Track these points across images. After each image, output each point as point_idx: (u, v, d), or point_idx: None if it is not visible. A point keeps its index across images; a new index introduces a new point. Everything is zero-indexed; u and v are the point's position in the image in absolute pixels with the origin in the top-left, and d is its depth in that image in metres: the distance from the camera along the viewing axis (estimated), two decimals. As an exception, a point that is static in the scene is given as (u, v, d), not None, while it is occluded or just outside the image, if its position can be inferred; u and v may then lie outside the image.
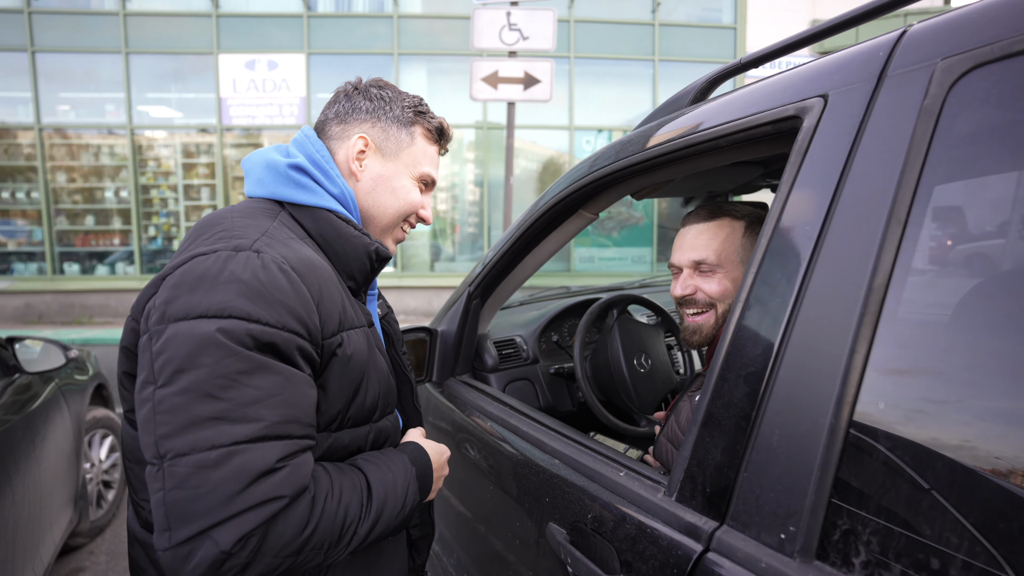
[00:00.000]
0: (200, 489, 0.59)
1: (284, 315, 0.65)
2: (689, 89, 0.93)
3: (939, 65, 0.52)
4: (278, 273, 0.66)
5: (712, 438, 0.65)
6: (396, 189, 0.87)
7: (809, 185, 0.61)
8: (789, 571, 0.53)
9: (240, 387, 0.62)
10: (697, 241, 1.05)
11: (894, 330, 0.51)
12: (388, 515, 0.74)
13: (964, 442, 0.47)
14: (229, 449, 0.60)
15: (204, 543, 0.59)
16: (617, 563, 0.71)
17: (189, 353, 0.61)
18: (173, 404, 0.61)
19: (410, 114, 0.87)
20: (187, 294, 0.63)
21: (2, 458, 1.70)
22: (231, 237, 0.69)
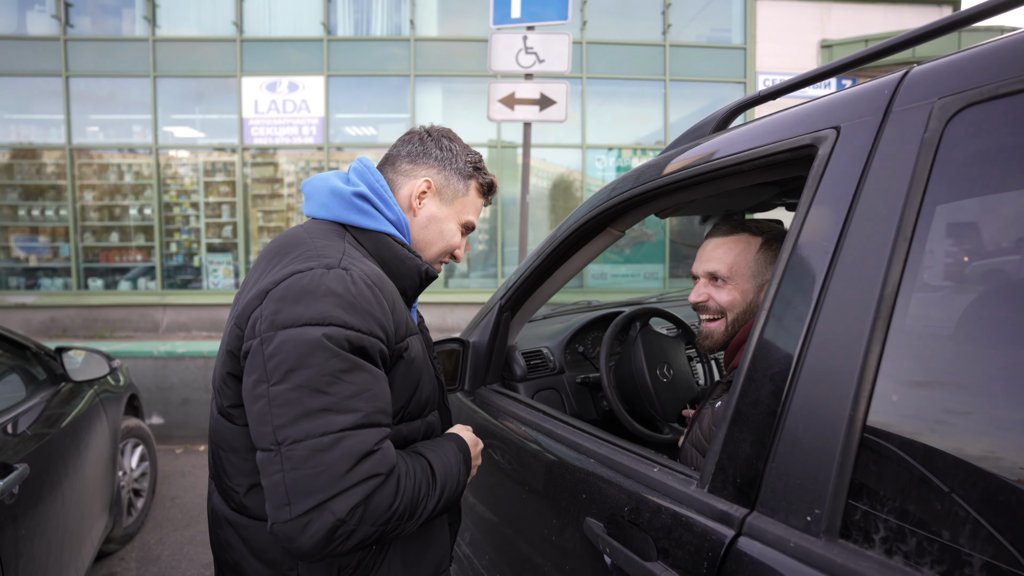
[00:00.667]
0: (317, 468, 0.70)
1: (371, 323, 0.77)
2: (711, 118, 1.02)
3: (937, 103, 0.60)
4: (364, 287, 0.78)
5: (741, 433, 0.72)
6: (444, 231, 0.99)
7: (825, 205, 0.69)
8: (816, 549, 0.60)
9: (342, 383, 0.73)
10: (714, 254, 1.14)
11: (904, 333, 0.58)
12: (449, 491, 0.87)
13: (966, 430, 0.54)
14: (338, 435, 0.71)
15: (322, 514, 0.70)
16: (654, 551, 0.78)
17: (299, 355, 0.72)
18: (287, 399, 0.71)
19: (470, 169, 1.00)
20: (292, 305, 0.74)
21: (53, 462, 1.80)
22: (319, 256, 0.80)
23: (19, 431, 1.72)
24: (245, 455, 0.84)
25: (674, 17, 8.07)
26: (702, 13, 8.14)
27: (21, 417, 1.79)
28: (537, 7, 4.32)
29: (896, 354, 0.59)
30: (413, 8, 7.98)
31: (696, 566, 0.71)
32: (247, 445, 0.83)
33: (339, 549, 0.72)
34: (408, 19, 7.97)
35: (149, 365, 4.14)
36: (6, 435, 1.63)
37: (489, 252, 8.43)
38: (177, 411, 4.17)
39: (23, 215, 8.20)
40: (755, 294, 1.12)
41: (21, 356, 2.07)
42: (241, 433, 0.83)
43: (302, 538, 0.70)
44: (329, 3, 7.96)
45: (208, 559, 2.67)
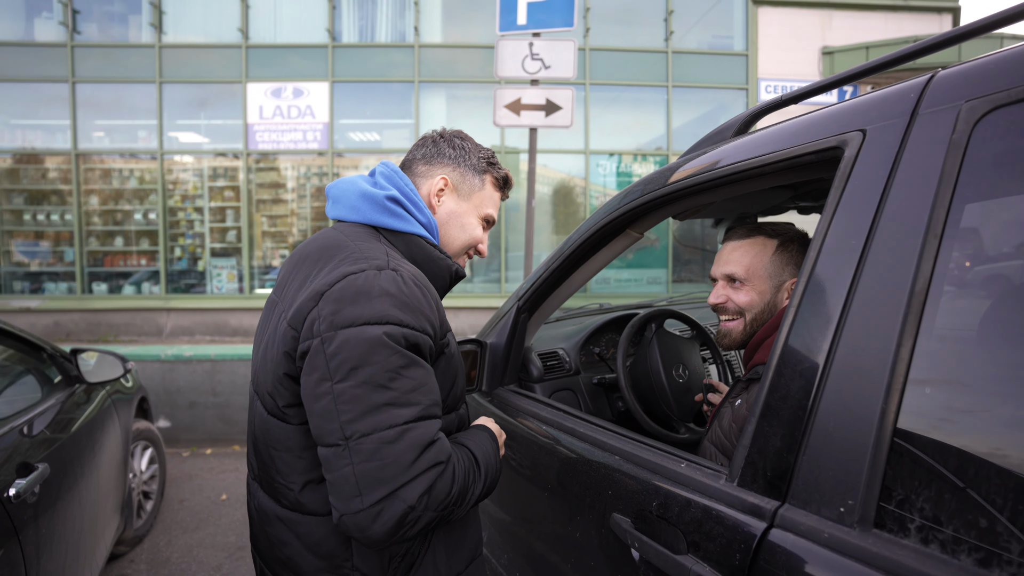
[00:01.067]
0: (385, 460, 0.74)
1: (422, 320, 0.81)
2: (732, 123, 1.04)
3: (964, 106, 0.62)
4: (414, 287, 0.82)
5: (771, 428, 0.73)
6: (464, 225, 1.03)
7: (853, 205, 0.71)
8: (851, 539, 0.61)
9: (402, 378, 0.77)
10: (731, 256, 1.19)
11: (936, 328, 0.60)
12: (491, 478, 0.91)
13: (998, 421, 0.56)
14: (403, 427, 0.76)
15: (393, 502, 0.74)
16: (684, 544, 0.79)
17: (362, 353, 0.75)
18: (353, 395, 0.75)
19: (484, 164, 1.03)
20: (350, 306, 0.77)
21: (70, 462, 1.81)
22: (367, 259, 0.83)
23: (38, 432, 1.73)
24: (300, 453, 0.85)
25: (677, 24, 8.14)
26: (704, 20, 8.20)
27: (39, 418, 1.80)
28: (543, 14, 4.37)
29: (928, 349, 0.60)
30: (417, 15, 8.04)
31: (728, 558, 0.73)
32: (302, 443, 0.85)
33: (407, 534, 0.76)
34: (412, 25, 8.04)
35: (156, 368, 4.15)
36: (24, 436, 1.65)
37: (492, 257, 8.45)
38: (184, 414, 4.18)
39: (28, 220, 8.24)
40: (772, 294, 1.15)
41: (37, 358, 2.08)
42: (296, 432, 0.85)
43: (374, 526, 0.74)
44: (334, 10, 8.03)
45: (217, 561, 2.67)
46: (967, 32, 0.71)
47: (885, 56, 0.80)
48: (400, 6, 8.14)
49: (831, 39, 8.23)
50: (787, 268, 1.15)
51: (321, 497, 0.85)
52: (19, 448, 1.57)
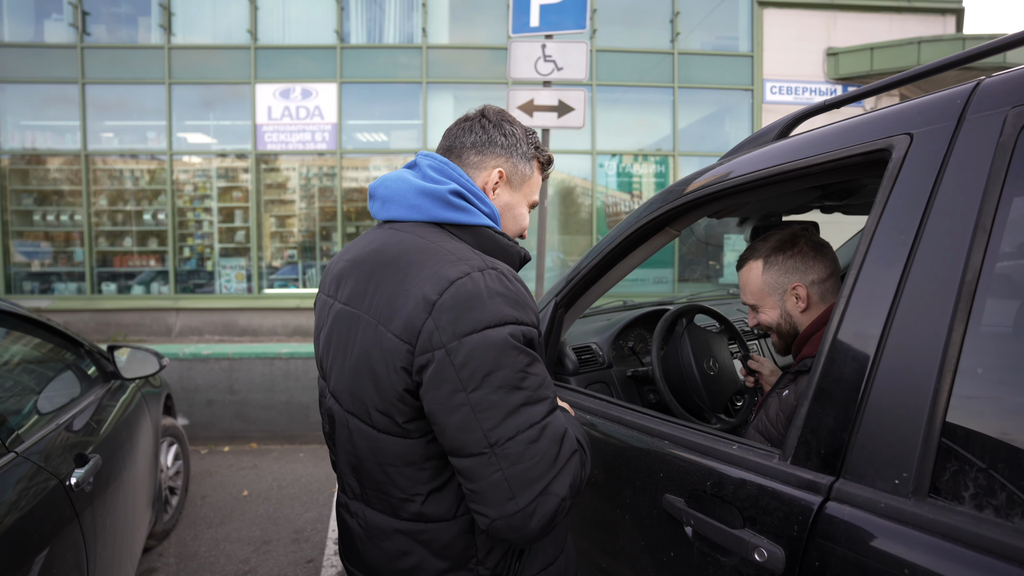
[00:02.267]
0: (533, 459, 0.76)
1: (532, 315, 0.82)
2: (773, 126, 1.10)
3: (1011, 112, 0.68)
4: (516, 283, 0.83)
5: (824, 409, 0.79)
6: (517, 216, 1.02)
7: (902, 203, 0.77)
8: (907, 507, 0.67)
9: (531, 376, 0.78)
10: (740, 285, 1.35)
11: (986, 313, 0.66)
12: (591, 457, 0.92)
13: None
14: (542, 424, 0.78)
15: (547, 498, 0.76)
16: (740, 519, 0.85)
17: (492, 358, 0.75)
18: (491, 402, 0.75)
19: (532, 150, 1.01)
20: (466, 312, 0.76)
21: (114, 455, 1.87)
22: (462, 260, 0.81)
23: (84, 425, 1.79)
24: (423, 465, 0.85)
25: (682, 25, 8.20)
26: (710, 22, 8.26)
27: (84, 412, 1.86)
28: (555, 16, 4.43)
29: (978, 334, 0.66)
30: (425, 16, 8.11)
31: (786, 530, 0.78)
32: (425, 455, 0.84)
33: (557, 524, 0.79)
34: (420, 27, 8.10)
35: (174, 367, 4.21)
36: (73, 429, 1.71)
37: (498, 257, 8.50)
38: (202, 412, 4.23)
39: (38, 220, 8.30)
40: (781, 302, 1.26)
41: (76, 353, 2.14)
42: (419, 444, 0.84)
43: (531, 524, 0.76)
44: (342, 11, 8.10)
45: (244, 555, 2.73)
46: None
47: (941, 60, 0.85)
48: (408, 7, 8.20)
49: (836, 40, 8.29)
50: (782, 277, 1.25)
51: (445, 503, 0.86)
52: (72, 440, 1.63)
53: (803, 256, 1.24)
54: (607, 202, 8.56)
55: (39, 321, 1.93)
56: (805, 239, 1.26)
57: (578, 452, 0.82)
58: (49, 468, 1.40)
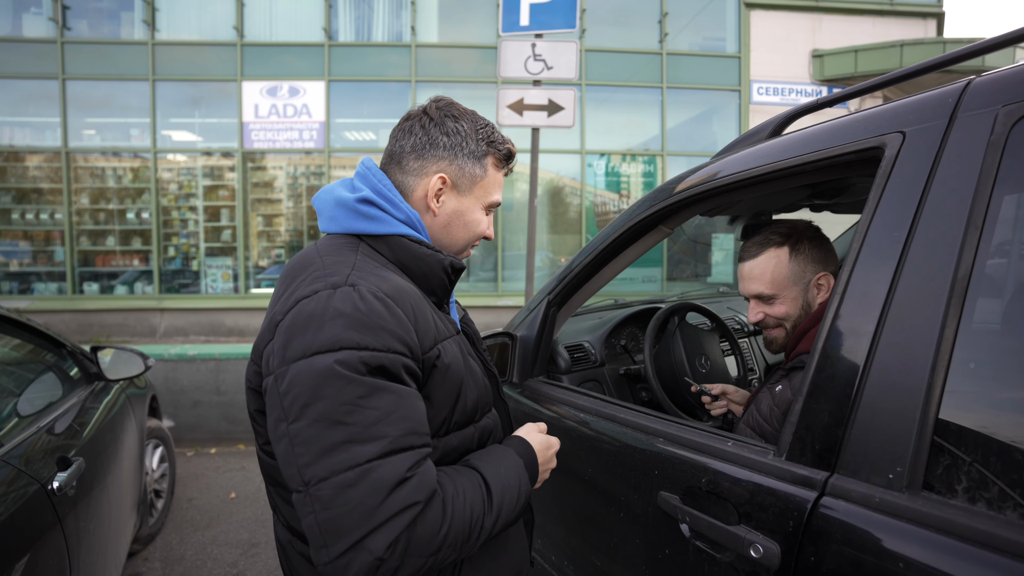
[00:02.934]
0: (346, 507, 0.66)
1: (388, 339, 0.71)
2: (766, 125, 1.11)
3: (1001, 110, 0.69)
4: (375, 302, 0.72)
5: (818, 405, 0.79)
6: (468, 223, 0.91)
7: (895, 200, 0.77)
8: (901, 502, 0.67)
9: (362, 410, 0.68)
10: (752, 275, 1.24)
11: (978, 308, 0.67)
12: (508, 507, 0.81)
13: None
14: (364, 467, 0.67)
15: (359, 553, 0.65)
16: (736, 516, 0.85)
17: (313, 388, 0.68)
18: (307, 436, 0.68)
19: (483, 146, 0.89)
20: (300, 335, 0.70)
21: (98, 458, 1.83)
22: (326, 276, 0.75)
23: (67, 428, 1.75)
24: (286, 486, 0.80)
25: (671, 26, 8.25)
26: (698, 23, 8.32)
27: (66, 415, 1.82)
28: (546, 15, 4.43)
29: (970, 329, 0.67)
30: (414, 14, 8.07)
31: (781, 525, 0.79)
32: None
33: None
34: (409, 25, 8.06)
35: (159, 368, 4.14)
36: (55, 432, 1.67)
37: (487, 256, 8.50)
38: (188, 414, 4.17)
39: (16, 219, 8.12)
40: (803, 295, 1.21)
41: (57, 354, 2.10)
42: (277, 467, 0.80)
43: None
44: (330, 8, 8.03)
45: (232, 558, 2.69)
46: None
47: (930, 60, 0.86)
48: (396, 6, 8.16)
49: (821, 42, 8.40)
50: (808, 266, 1.21)
51: None
52: (54, 443, 1.59)
53: (825, 246, 1.23)
54: (596, 201, 8.59)
55: (19, 321, 1.89)
56: (820, 230, 1.25)
57: (423, 506, 0.69)
58: (30, 472, 1.37)
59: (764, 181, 1.02)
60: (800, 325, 1.19)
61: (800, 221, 1.31)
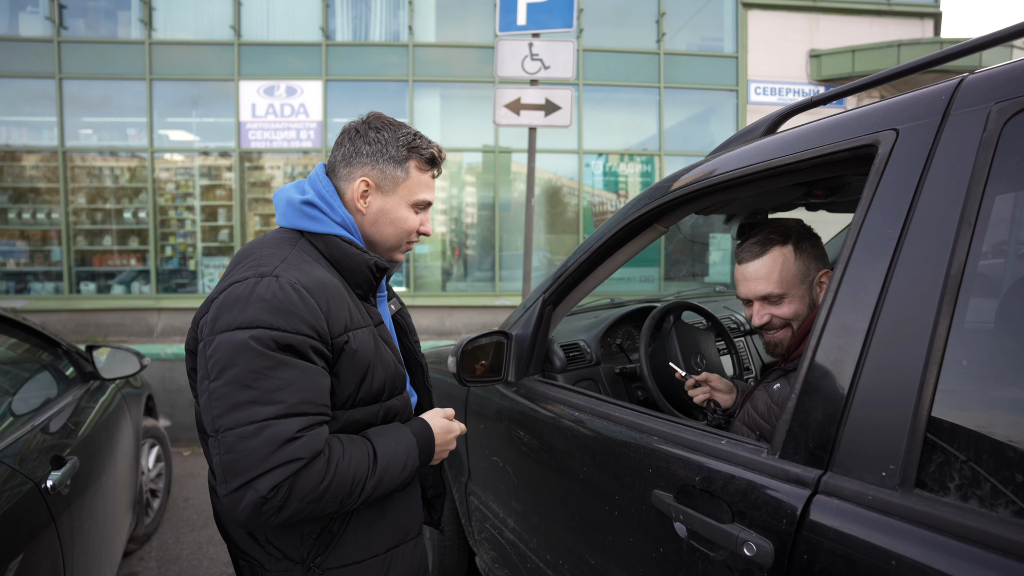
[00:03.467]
0: (243, 452, 0.82)
1: (297, 323, 0.87)
2: (761, 122, 1.10)
3: (994, 107, 0.69)
4: (291, 291, 0.88)
5: (812, 403, 0.79)
6: (395, 220, 1.05)
7: (888, 197, 0.77)
8: (894, 499, 0.67)
9: (267, 378, 0.84)
10: (757, 275, 1.20)
11: (971, 305, 0.67)
12: (391, 475, 0.96)
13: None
14: (261, 424, 0.83)
15: (248, 491, 0.82)
16: (729, 514, 0.85)
17: (231, 355, 0.84)
18: (221, 393, 0.84)
19: (404, 152, 1.02)
20: (227, 312, 0.86)
21: (93, 457, 1.82)
22: (258, 266, 0.91)
23: (62, 427, 1.74)
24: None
25: (668, 26, 8.26)
26: (696, 23, 8.33)
27: (61, 414, 1.81)
28: (543, 15, 4.42)
29: (963, 326, 0.67)
30: (411, 14, 8.06)
31: (774, 524, 0.78)
32: None
33: (272, 519, 0.84)
34: (407, 25, 8.05)
35: (156, 367, 4.13)
36: (50, 431, 1.66)
37: (484, 256, 8.50)
38: (185, 413, 4.16)
39: (13, 218, 8.09)
40: (808, 293, 1.19)
41: (53, 353, 2.09)
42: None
43: (237, 510, 0.83)
44: (328, 8, 8.01)
45: (228, 558, 2.68)
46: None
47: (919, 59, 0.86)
48: (394, 5, 8.15)
49: (818, 42, 8.41)
50: (811, 264, 1.20)
51: None
52: (48, 442, 1.59)
53: (820, 244, 1.22)
54: (594, 201, 8.59)
55: (14, 320, 1.88)
56: (812, 228, 1.24)
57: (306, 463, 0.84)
58: (24, 471, 1.36)
59: (758, 179, 1.02)
60: (802, 327, 1.17)
61: (792, 220, 1.31)
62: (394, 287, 7.60)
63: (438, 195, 8.47)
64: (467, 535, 1.92)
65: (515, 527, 1.55)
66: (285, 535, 0.97)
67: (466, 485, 1.84)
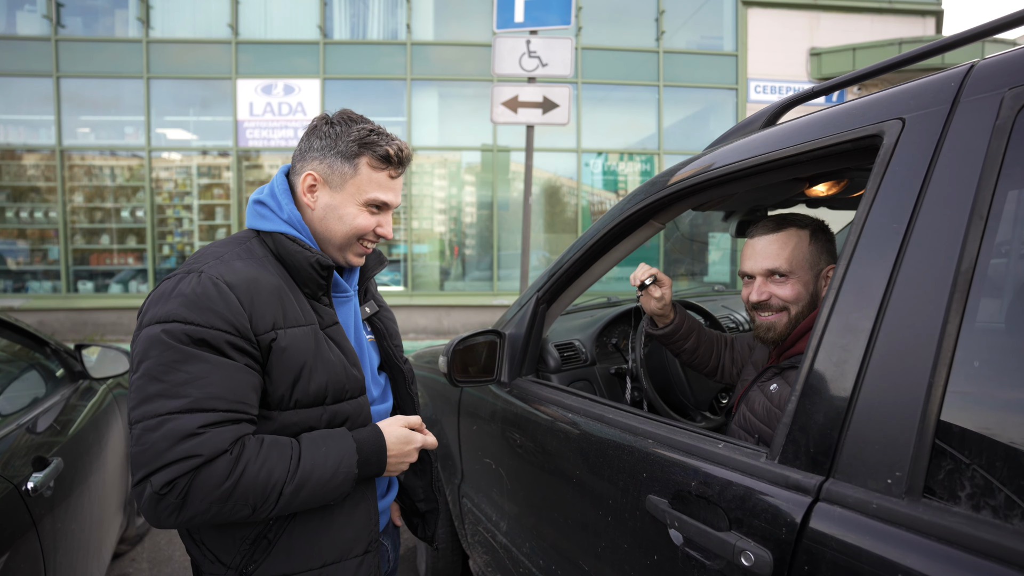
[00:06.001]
0: (145, 446, 0.81)
1: (212, 318, 0.85)
2: (760, 114, 1.07)
3: (1007, 93, 0.65)
4: (211, 287, 0.87)
5: (813, 406, 0.76)
6: (343, 216, 1.00)
7: (894, 190, 0.73)
8: (900, 508, 0.63)
9: (176, 372, 0.83)
10: (768, 250, 1.17)
11: (981, 305, 0.63)
12: (316, 482, 0.90)
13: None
14: (164, 417, 0.82)
15: (146, 486, 0.81)
16: (726, 521, 0.81)
17: (145, 348, 0.84)
18: (137, 385, 0.84)
19: (354, 147, 0.98)
20: (152, 307, 0.87)
21: (80, 458, 1.79)
22: (192, 263, 0.92)
23: (47, 427, 1.71)
24: None
25: (667, 24, 8.21)
26: (695, 21, 8.29)
27: (47, 414, 1.77)
28: (540, 12, 4.38)
29: (974, 326, 0.63)
30: (410, 12, 8.02)
31: (774, 533, 0.75)
32: None
33: (175, 519, 0.82)
34: (405, 23, 8.01)
35: (151, 367, 4.09)
36: (34, 431, 1.62)
37: (483, 255, 8.46)
38: (179, 413, 4.12)
39: (11, 217, 8.06)
40: (814, 283, 1.16)
41: (41, 352, 2.05)
42: None
43: (140, 505, 0.81)
44: (325, 6, 7.97)
45: (221, 560, 2.65)
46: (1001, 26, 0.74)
47: (919, 48, 0.83)
48: (392, 3, 8.11)
49: (819, 40, 8.37)
50: (822, 256, 1.17)
51: None
52: (32, 443, 1.55)
53: (833, 243, 1.19)
54: (592, 200, 8.55)
55: (1, 320, 1.84)
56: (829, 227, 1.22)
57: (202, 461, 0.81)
58: (4, 472, 1.33)
59: (757, 172, 0.98)
60: (801, 324, 1.14)
61: (812, 216, 1.28)
62: (392, 286, 7.48)
63: (437, 194, 8.44)
64: (460, 538, 1.88)
65: (508, 531, 1.51)
66: (219, 538, 0.94)
67: (459, 487, 1.80)
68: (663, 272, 1.44)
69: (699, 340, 1.47)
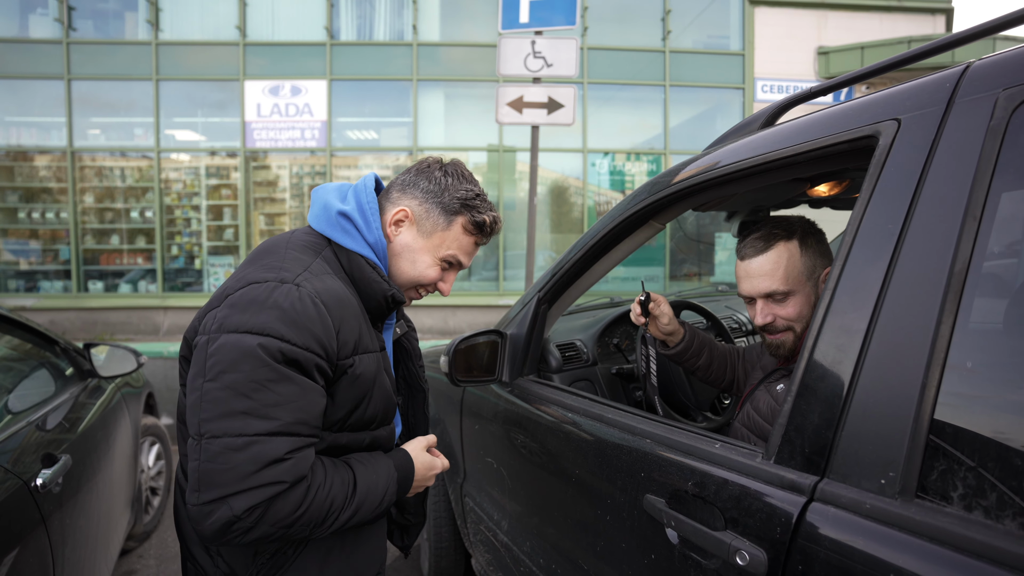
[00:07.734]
0: (226, 465, 0.77)
1: (309, 339, 0.82)
2: (758, 115, 1.07)
3: (1002, 94, 0.65)
4: (310, 305, 0.83)
5: (808, 406, 0.76)
6: (416, 262, 1.00)
7: (889, 190, 0.74)
8: (893, 509, 0.64)
9: (267, 391, 0.79)
10: (762, 271, 1.14)
11: (974, 306, 0.63)
12: (367, 508, 0.91)
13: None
14: (251, 438, 0.78)
15: (222, 507, 0.77)
16: (722, 521, 0.82)
17: (233, 359, 0.79)
18: (216, 396, 0.78)
19: (456, 205, 0.99)
20: (240, 313, 0.81)
21: (88, 456, 1.81)
22: (281, 269, 0.86)
23: (56, 425, 1.73)
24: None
25: (674, 23, 8.19)
26: (702, 20, 8.25)
27: (56, 411, 1.80)
28: (545, 12, 4.39)
29: (967, 327, 0.63)
30: (416, 13, 8.04)
31: (768, 532, 0.75)
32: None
33: (238, 540, 0.79)
34: (411, 24, 8.04)
35: (159, 366, 4.14)
36: (44, 429, 1.65)
37: (488, 255, 8.46)
38: (187, 412, 4.16)
39: (23, 218, 8.16)
40: (814, 293, 1.14)
41: (51, 351, 2.08)
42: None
43: (204, 524, 0.77)
44: (332, 7, 8.02)
45: (227, 557, 2.67)
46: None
47: (923, 46, 0.82)
48: (398, 4, 8.14)
49: (827, 39, 8.31)
50: (817, 260, 1.15)
51: None
52: (41, 440, 1.58)
53: (824, 241, 1.16)
54: (599, 201, 8.54)
55: (11, 319, 1.88)
56: (816, 224, 1.18)
57: (287, 487, 0.79)
58: (13, 469, 1.35)
59: (756, 173, 0.98)
60: (806, 329, 1.13)
61: (796, 216, 1.27)
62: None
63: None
64: (463, 537, 1.89)
65: (509, 530, 1.52)
66: (237, 552, 0.92)
67: (462, 487, 1.81)
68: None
69: (712, 356, 1.44)
